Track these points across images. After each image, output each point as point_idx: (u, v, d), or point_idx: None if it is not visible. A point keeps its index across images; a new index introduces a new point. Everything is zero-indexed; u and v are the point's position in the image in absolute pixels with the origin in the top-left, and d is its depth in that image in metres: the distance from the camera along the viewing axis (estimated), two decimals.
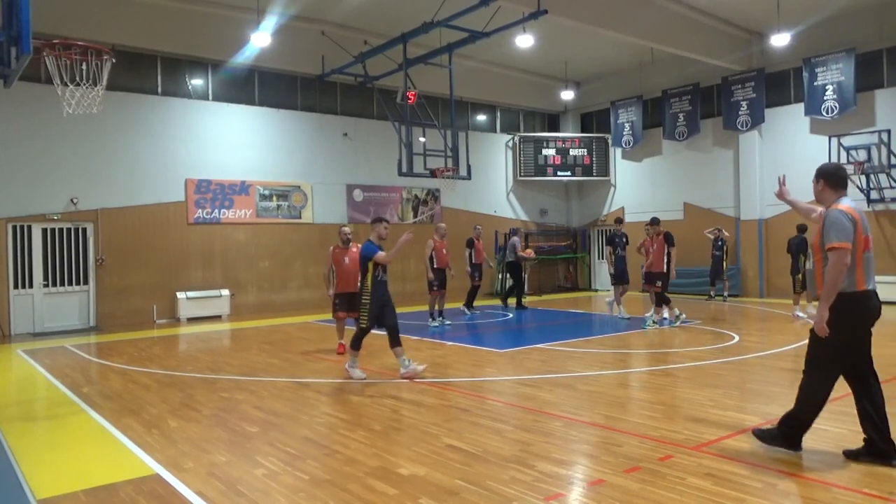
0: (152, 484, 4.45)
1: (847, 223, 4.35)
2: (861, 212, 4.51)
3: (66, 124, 12.35)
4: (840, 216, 4.39)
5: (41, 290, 13.30)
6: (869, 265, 4.49)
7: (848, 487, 4.06)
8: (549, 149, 20.96)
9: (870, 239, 4.52)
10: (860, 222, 4.42)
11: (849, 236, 4.33)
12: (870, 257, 4.50)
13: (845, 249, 4.30)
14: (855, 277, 4.42)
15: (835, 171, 4.74)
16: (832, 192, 4.64)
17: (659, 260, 11.83)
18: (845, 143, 15.27)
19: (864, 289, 4.44)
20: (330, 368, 8.60)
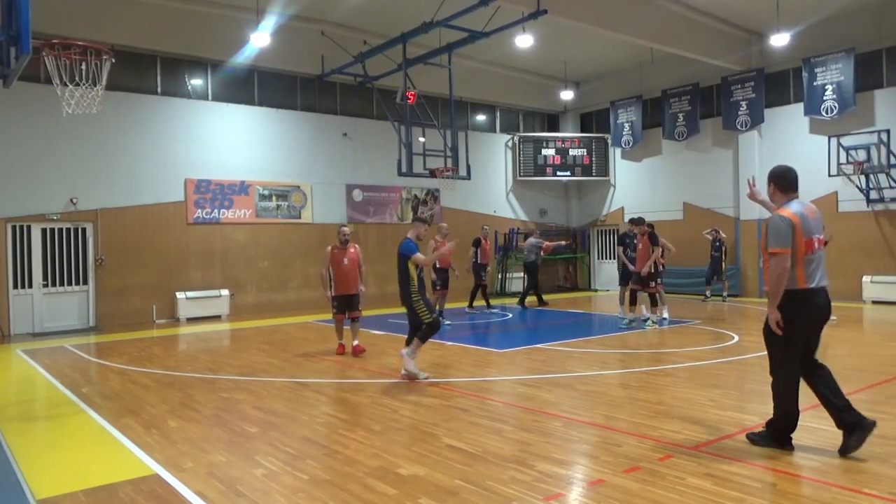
0: (152, 484, 4.45)
1: (785, 228, 4.58)
2: (805, 216, 4.67)
3: (66, 124, 12.34)
4: (779, 221, 4.62)
5: (41, 291, 13.30)
6: (812, 265, 4.65)
7: (848, 487, 4.06)
8: (549, 149, 20.96)
9: (814, 241, 4.66)
10: (799, 226, 4.59)
11: (787, 242, 4.56)
12: (813, 258, 4.65)
13: (783, 254, 4.55)
14: (795, 276, 4.62)
15: (783, 173, 4.86)
16: (782, 194, 4.82)
17: (644, 260, 11.72)
18: (845, 143, 15.28)
19: (805, 287, 4.63)
20: (329, 368, 8.60)
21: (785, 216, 4.62)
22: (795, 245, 4.59)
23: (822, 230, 4.82)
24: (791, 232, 4.58)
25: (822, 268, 4.72)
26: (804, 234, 4.61)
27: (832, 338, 10.21)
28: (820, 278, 4.70)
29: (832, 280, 14.24)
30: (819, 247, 4.70)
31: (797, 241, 4.59)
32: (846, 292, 15.67)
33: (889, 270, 15.20)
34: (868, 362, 8.19)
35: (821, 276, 4.71)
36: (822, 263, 4.73)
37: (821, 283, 4.70)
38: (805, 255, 4.61)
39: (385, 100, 16.31)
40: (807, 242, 4.61)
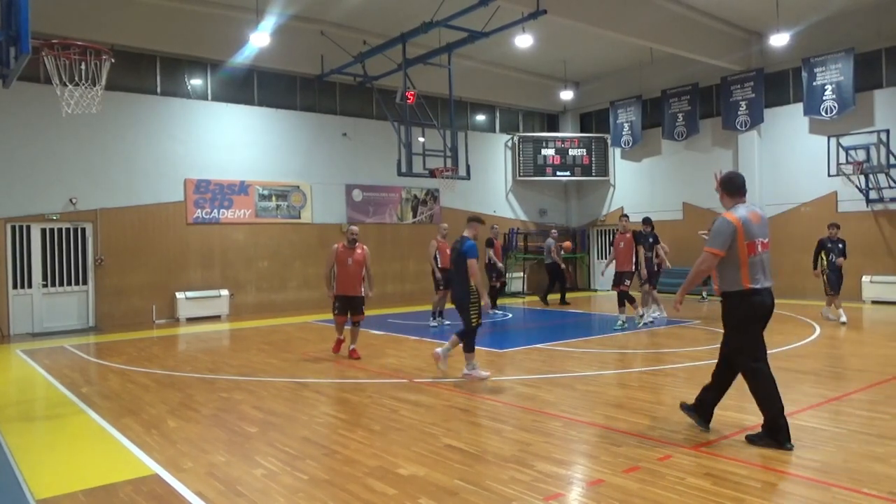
0: (151, 484, 4.45)
1: (726, 231, 4.90)
2: (749, 220, 4.93)
3: (66, 124, 12.33)
4: (722, 224, 4.94)
5: (40, 291, 13.29)
6: (756, 267, 4.92)
7: (847, 487, 4.07)
8: (549, 149, 20.96)
9: (756, 244, 4.92)
10: (742, 230, 4.87)
11: (723, 244, 4.89)
12: (757, 260, 4.92)
13: (712, 255, 4.92)
14: (739, 277, 4.92)
15: (730, 178, 5.18)
16: (729, 198, 5.13)
17: (627, 259, 11.63)
18: (844, 143, 15.28)
19: (749, 287, 4.90)
20: (329, 368, 8.60)
21: (730, 220, 4.91)
22: (738, 248, 4.87)
23: (767, 234, 5.06)
24: (732, 236, 4.86)
25: (766, 269, 4.99)
26: (746, 237, 4.87)
27: (832, 338, 10.21)
28: (763, 279, 4.96)
29: None
30: (762, 249, 4.95)
31: (739, 244, 4.86)
32: (846, 292, 15.60)
33: (889, 270, 15.21)
34: (868, 362, 8.19)
35: (764, 276, 4.97)
36: (766, 265, 5.00)
37: (764, 283, 4.96)
38: (748, 257, 4.88)
39: (385, 100, 16.30)
40: (749, 245, 4.87)
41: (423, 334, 11.52)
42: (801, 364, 8.13)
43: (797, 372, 7.67)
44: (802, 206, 16.67)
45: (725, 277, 5.00)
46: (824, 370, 7.86)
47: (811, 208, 16.50)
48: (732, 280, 4.94)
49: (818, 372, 7.73)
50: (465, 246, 7.53)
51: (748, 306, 4.93)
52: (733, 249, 4.90)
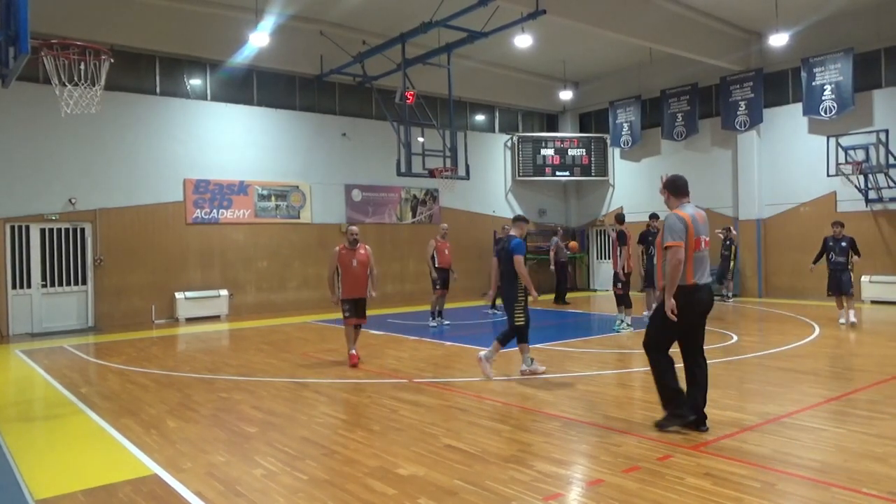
0: (151, 484, 4.45)
1: (679, 225, 5.18)
2: (696, 217, 5.26)
3: (65, 124, 12.32)
4: (673, 219, 5.23)
5: (39, 291, 13.28)
6: (699, 263, 5.22)
7: (847, 487, 4.07)
8: (548, 149, 20.96)
9: (701, 241, 5.23)
10: (691, 225, 5.18)
11: (681, 237, 5.15)
12: (700, 256, 5.22)
13: (678, 247, 5.12)
14: (685, 272, 5.18)
15: (674, 181, 5.52)
16: (675, 199, 5.45)
17: (615, 260, 11.44)
18: (843, 143, 15.29)
19: (692, 283, 5.19)
20: (328, 369, 8.60)
21: (680, 216, 5.23)
22: (688, 242, 5.16)
23: (708, 234, 5.38)
24: (685, 229, 5.17)
25: (705, 266, 5.29)
26: (695, 233, 5.19)
27: (832, 338, 10.22)
28: (705, 275, 5.27)
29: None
30: (705, 246, 5.28)
31: (689, 240, 5.16)
32: None
33: (888, 270, 15.22)
34: (867, 362, 8.19)
35: (705, 273, 5.28)
36: (707, 262, 5.32)
37: (705, 279, 5.28)
38: (694, 252, 5.18)
39: (384, 100, 16.30)
40: (696, 241, 5.19)
41: (423, 334, 11.52)
42: (800, 364, 8.13)
43: (797, 372, 7.67)
44: (801, 206, 16.68)
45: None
46: (824, 370, 7.86)
47: (810, 208, 16.51)
48: (680, 276, 5.18)
49: (817, 372, 7.73)
50: (512, 244, 7.61)
51: (689, 301, 5.18)
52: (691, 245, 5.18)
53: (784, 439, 5.06)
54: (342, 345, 10.55)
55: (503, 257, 7.71)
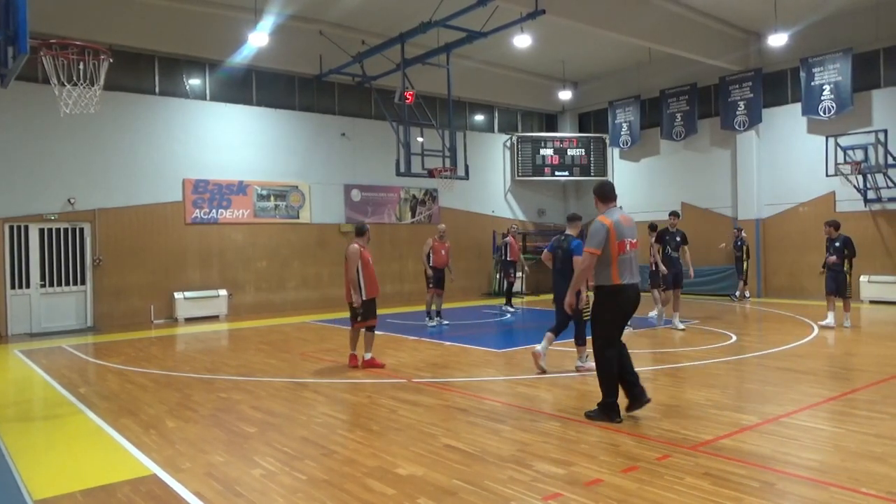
0: (150, 484, 4.44)
1: (601, 232, 5.53)
2: (620, 222, 5.59)
3: (64, 124, 12.31)
4: (596, 226, 5.58)
5: (38, 291, 13.27)
6: (624, 264, 5.57)
7: (846, 487, 4.07)
8: (547, 149, 20.97)
9: (626, 243, 5.56)
10: (613, 230, 5.52)
11: (599, 243, 5.52)
12: (625, 259, 5.56)
13: (591, 254, 5.54)
14: (610, 273, 5.56)
15: (600, 186, 5.87)
16: (603, 204, 5.78)
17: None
18: (842, 143, 15.30)
19: (618, 283, 5.56)
20: (328, 369, 8.60)
21: (603, 222, 5.58)
22: (610, 247, 5.51)
23: (635, 236, 5.71)
24: (606, 236, 5.51)
25: (632, 267, 5.64)
26: (617, 237, 5.52)
27: (830, 338, 10.22)
28: (630, 276, 5.61)
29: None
30: (630, 249, 5.61)
31: (611, 243, 5.50)
32: None
33: (886, 270, 15.23)
34: (865, 362, 8.20)
35: (630, 274, 5.62)
36: (632, 263, 5.66)
37: (630, 280, 5.62)
38: (618, 255, 5.53)
39: (383, 100, 16.29)
40: (619, 244, 5.53)
41: (422, 334, 11.52)
42: (799, 364, 8.14)
43: (795, 371, 7.68)
44: (800, 206, 16.68)
45: (599, 274, 5.62)
46: (822, 370, 7.87)
47: (809, 208, 16.52)
48: (604, 276, 5.59)
49: (816, 372, 7.74)
50: (573, 244, 7.80)
51: (615, 300, 5.60)
52: (606, 248, 5.52)
53: (783, 439, 5.07)
54: (341, 345, 10.55)
55: (561, 256, 7.85)
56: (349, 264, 8.29)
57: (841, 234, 11.23)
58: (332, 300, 16.69)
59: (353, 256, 8.30)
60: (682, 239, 11.55)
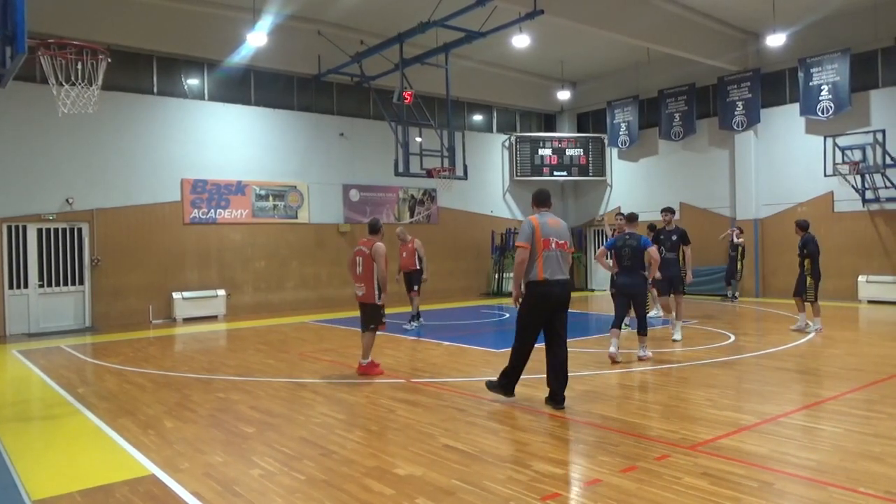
0: (148, 484, 4.44)
1: (527, 229, 6.09)
2: (546, 223, 6.12)
3: (62, 124, 12.30)
4: (524, 224, 6.19)
5: (36, 291, 13.25)
6: (548, 261, 6.04)
7: (844, 486, 4.08)
8: (546, 149, 20.97)
9: (551, 241, 6.06)
10: (538, 228, 6.05)
11: (526, 238, 6.05)
12: (549, 255, 6.04)
13: (521, 248, 6.05)
14: (535, 270, 6.02)
15: (535, 194, 6.50)
16: (536, 208, 6.42)
17: None
18: (840, 144, 15.32)
19: (542, 278, 6.01)
20: (326, 369, 8.59)
21: (530, 220, 6.16)
22: (536, 244, 6.00)
23: (564, 238, 6.20)
24: (531, 232, 6.04)
25: (557, 265, 6.09)
26: (542, 235, 6.03)
27: (828, 337, 10.23)
28: (555, 273, 6.05)
29: (829, 280, 14.13)
30: (555, 247, 6.07)
31: (537, 241, 6.01)
32: (842, 292, 15.72)
33: (885, 270, 15.25)
34: (864, 361, 8.21)
35: (556, 271, 6.06)
36: (558, 261, 6.10)
37: (555, 276, 6.06)
38: (543, 251, 6.01)
39: (382, 100, 16.30)
40: (544, 242, 6.03)
41: (421, 334, 11.51)
42: (797, 363, 8.15)
43: (794, 371, 7.69)
44: (799, 207, 16.70)
45: (528, 270, 6.05)
46: (821, 370, 7.88)
47: (807, 208, 16.53)
48: (531, 272, 6.03)
49: (815, 371, 7.75)
50: (642, 240, 8.55)
51: (540, 294, 6.03)
52: (534, 246, 6.01)
53: (781, 439, 5.07)
54: (340, 345, 10.58)
55: (629, 254, 8.49)
56: (381, 262, 7.85)
57: (806, 233, 10.73)
58: (331, 300, 16.71)
59: (384, 254, 7.89)
60: (679, 238, 10.61)
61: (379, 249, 7.87)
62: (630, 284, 8.59)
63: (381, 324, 8.03)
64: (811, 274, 10.62)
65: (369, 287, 7.90)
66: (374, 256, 7.85)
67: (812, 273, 10.61)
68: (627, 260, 8.52)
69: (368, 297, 7.93)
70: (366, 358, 8.08)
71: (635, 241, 8.53)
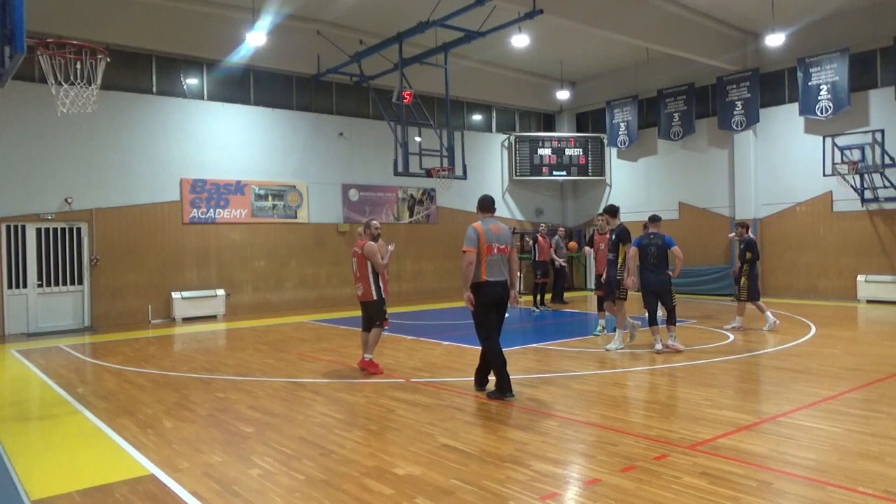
0: (147, 484, 4.44)
1: (472, 234, 6.58)
2: (489, 229, 6.61)
3: (61, 124, 12.29)
4: (469, 229, 6.63)
5: (35, 290, 13.24)
6: (492, 265, 6.56)
7: (843, 486, 4.08)
8: (545, 148, 20.98)
9: (493, 247, 6.56)
10: (482, 234, 6.56)
11: (472, 243, 6.54)
12: (493, 259, 6.56)
13: (466, 251, 6.55)
14: (479, 271, 6.54)
15: (480, 200, 6.98)
16: (481, 213, 6.88)
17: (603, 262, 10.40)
18: (839, 143, 15.33)
19: (484, 279, 6.53)
20: (325, 368, 8.59)
21: (474, 227, 6.63)
22: (480, 248, 6.52)
23: (504, 242, 6.64)
24: (476, 238, 6.53)
25: (499, 267, 6.60)
26: (486, 241, 6.55)
27: (828, 337, 10.24)
28: (495, 275, 6.56)
29: (828, 279, 14.31)
30: (497, 252, 6.58)
31: (481, 246, 6.52)
32: (841, 292, 15.73)
33: (884, 270, 15.26)
34: (863, 361, 8.21)
35: (496, 273, 6.57)
36: (500, 264, 6.61)
37: (496, 277, 6.56)
38: (486, 256, 6.53)
39: (381, 99, 16.29)
40: (487, 247, 6.55)
41: (420, 334, 11.51)
42: (796, 363, 8.15)
43: (793, 371, 7.69)
44: (798, 206, 16.71)
45: (475, 272, 6.55)
46: (820, 369, 7.88)
47: (806, 208, 16.55)
48: (476, 274, 6.52)
49: (813, 371, 7.75)
50: (666, 239, 9.14)
51: (484, 294, 6.53)
52: (479, 250, 6.50)
53: (780, 438, 5.08)
54: (339, 344, 10.58)
55: (655, 252, 9.06)
56: (374, 259, 8.03)
57: (748, 235, 11.30)
58: (330, 300, 16.71)
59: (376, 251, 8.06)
60: (618, 236, 9.59)
61: (369, 248, 8.12)
62: (657, 282, 9.11)
63: (384, 320, 8.21)
64: (746, 274, 11.04)
65: (366, 286, 8.12)
66: (367, 255, 8.10)
67: (749, 274, 11.00)
68: (654, 258, 9.04)
69: (367, 296, 8.13)
70: (370, 353, 8.19)
71: (660, 240, 9.07)
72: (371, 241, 8.19)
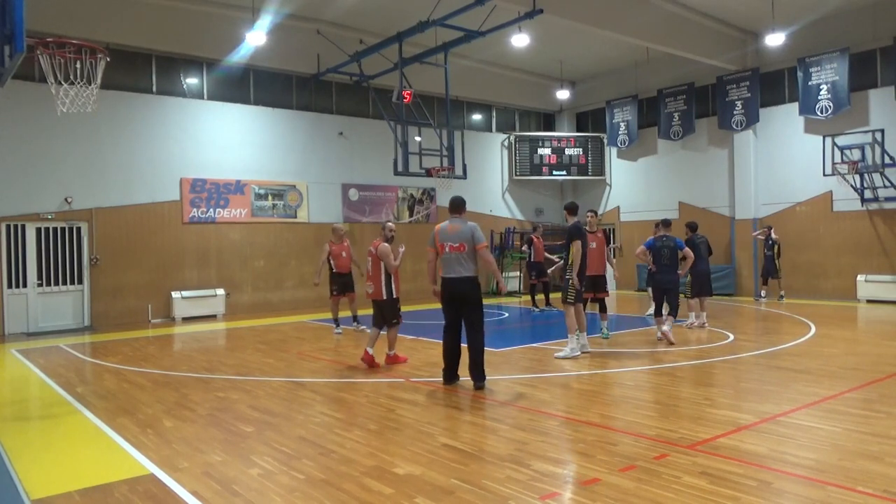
0: (147, 484, 4.44)
1: (431, 235, 7.21)
2: (445, 229, 7.09)
3: (61, 123, 12.28)
4: (433, 231, 7.21)
5: (35, 290, 13.24)
6: (448, 262, 7.01)
7: (842, 486, 4.08)
8: (545, 148, 20.98)
9: (445, 246, 7.01)
10: (438, 235, 7.10)
11: (431, 243, 7.18)
12: (448, 257, 7.00)
13: (428, 251, 7.24)
14: (438, 269, 7.14)
15: (451, 201, 7.37)
16: (450, 214, 7.27)
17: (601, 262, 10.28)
18: (839, 143, 15.33)
19: (442, 276, 7.06)
20: (325, 368, 8.59)
21: (435, 228, 7.18)
22: (437, 247, 7.08)
23: (459, 241, 6.96)
24: (433, 238, 7.15)
25: (456, 264, 6.97)
26: (440, 240, 7.06)
27: (827, 337, 10.24)
28: (449, 272, 6.99)
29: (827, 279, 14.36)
30: (451, 251, 6.97)
31: (438, 245, 7.08)
32: (841, 291, 15.74)
33: (883, 270, 15.26)
34: (863, 360, 8.22)
35: (450, 270, 6.98)
36: (456, 262, 6.97)
37: (450, 274, 6.99)
38: (441, 254, 7.05)
39: (381, 99, 16.29)
40: (440, 246, 7.06)
41: (419, 333, 11.51)
42: (796, 363, 8.15)
43: (792, 371, 7.70)
44: (798, 206, 16.72)
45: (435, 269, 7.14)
46: (819, 369, 7.88)
47: (806, 208, 16.55)
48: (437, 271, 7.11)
49: (813, 370, 7.75)
50: (677, 241, 9.91)
51: (442, 287, 7.05)
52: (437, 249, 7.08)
53: (780, 438, 5.08)
54: (339, 344, 10.58)
55: (668, 254, 9.73)
56: (387, 260, 8.43)
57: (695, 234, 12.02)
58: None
59: (388, 252, 8.46)
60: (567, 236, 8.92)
61: (383, 250, 8.47)
62: (668, 281, 9.81)
63: (399, 318, 8.61)
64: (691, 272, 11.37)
65: (377, 285, 8.49)
66: (381, 256, 8.45)
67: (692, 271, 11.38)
68: (667, 259, 9.77)
69: (377, 295, 8.50)
70: (391, 350, 8.66)
71: (672, 242, 9.82)
72: (385, 243, 8.58)
